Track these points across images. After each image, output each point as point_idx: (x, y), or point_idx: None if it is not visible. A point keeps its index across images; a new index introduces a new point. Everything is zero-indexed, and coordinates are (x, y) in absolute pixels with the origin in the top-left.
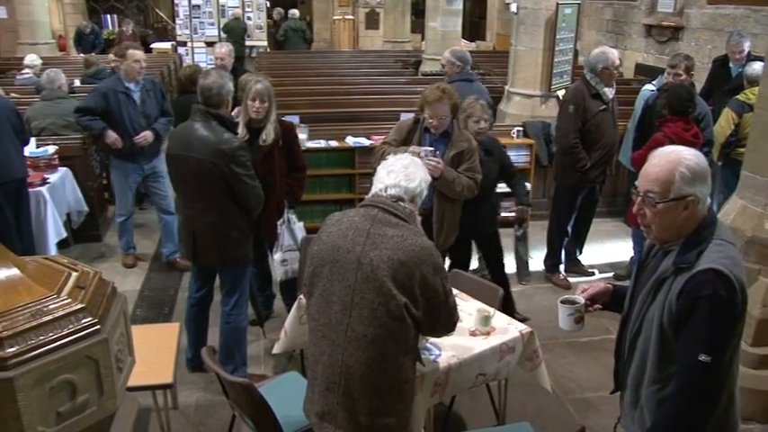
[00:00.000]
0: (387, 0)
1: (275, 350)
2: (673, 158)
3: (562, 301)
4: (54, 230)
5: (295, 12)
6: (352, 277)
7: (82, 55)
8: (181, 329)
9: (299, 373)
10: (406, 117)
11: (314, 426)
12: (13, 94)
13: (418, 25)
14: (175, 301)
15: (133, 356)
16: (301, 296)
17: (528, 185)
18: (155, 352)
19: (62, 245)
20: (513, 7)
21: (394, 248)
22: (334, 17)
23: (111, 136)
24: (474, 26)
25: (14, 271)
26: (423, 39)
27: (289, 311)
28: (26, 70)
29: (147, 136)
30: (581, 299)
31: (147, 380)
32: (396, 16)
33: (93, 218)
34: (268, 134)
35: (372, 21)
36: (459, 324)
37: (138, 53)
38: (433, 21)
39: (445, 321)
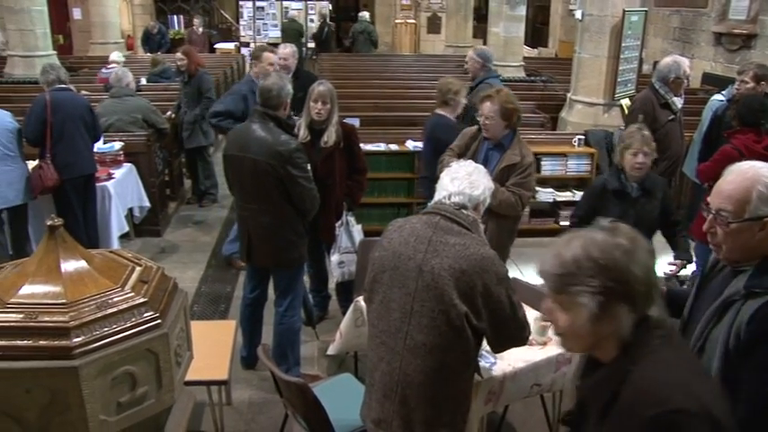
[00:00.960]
0: (449, 4)
1: (330, 351)
2: (750, 175)
3: None
4: (117, 224)
5: (365, 14)
6: (413, 285)
7: (148, 54)
8: (237, 327)
9: (352, 376)
10: None
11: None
12: (83, 92)
13: (480, 30)
14: (232, 299)
15: (191, 352)
16: (358, 299)
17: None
18: (211, 348)
19: (123, 238)
20: (578, 14)
21: (455, 257)
22: (396, 21)
23: None
24: (536, 32)
25: (82, 263)
26: (484, 44)
27: (344, 313)
28: (112, 64)
29: None
30: None
31: (203, 375)
32: (458, 21)
33: (155, 213)
34: (329, 136)
35: (434, 25)
36: None
37: (273, 56)
38: (495, 26)
39: (516, 334)
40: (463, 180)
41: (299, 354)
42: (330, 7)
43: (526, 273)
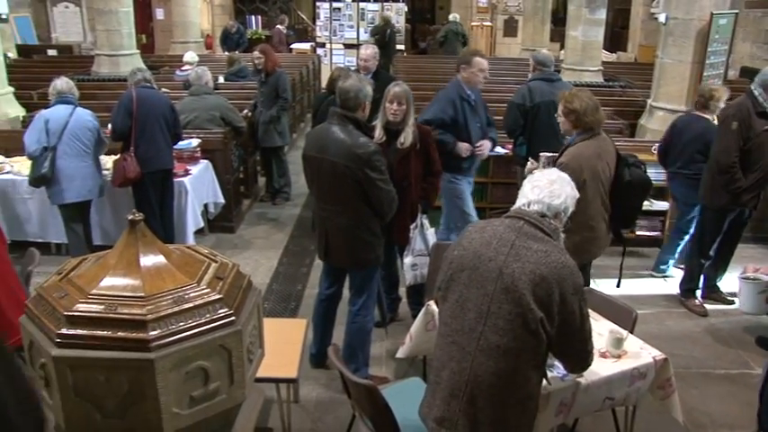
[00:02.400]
0: (526, 7)
1: (399, 354)
2: None
3: (744, 278)
4: (192, 220)
5: (456, 15)
6: (491, 286)
7: (226, 53)
8: (308, 325)
9: (421, 380)
10: None
11: (431, 430)
12: (163, 90)
13: (557, 34)
14: (302, 297)
15: (263, 349)
16: (429, 302)
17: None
18: (281, 346)
19: (198, 233)
20: (662, 17)
21: (537, 263)
22: (472, 23)
23: (464, 147)
24: (615, 36)
25: (161, 258)
26: (561, 48)
27: (413, 316)
28: (186, 66)
29: (486, 146)
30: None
31: (273, 372)
32: (535, 24)
33: (229, 210)
34: (406, 137)
35: (511, 28)
36: None
37: (484, 62)
38: (573, 30)
39: (579, 347)
40: (543, 188)
41: (369, 354)
42: (405, 8)
43: (600, 283)
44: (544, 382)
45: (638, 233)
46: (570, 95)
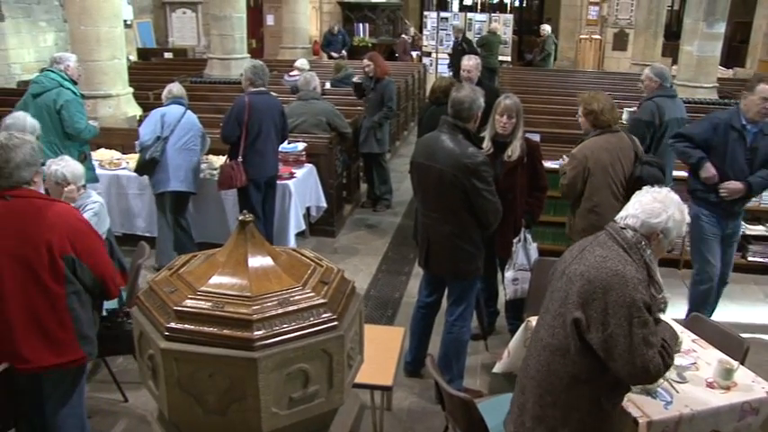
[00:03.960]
0: (638, 20)
1: (496, 369)
2: None
3: None
4: (295, 222)
5: (547, 27)
6: (554, 286)
7: (334, 54)
8: (405, 334)
9: None
10: None
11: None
12: (272, 94)
13: (669, 48)
14: (399, 305)
15: (362, 355)
16: (530, 319)
17: None
18: (378, 353)
19: (299, 236)
20: None
21: (590, 266)
22: (581, 36)
23: (710, 170)
24: (733, 51)
25: (268, 260)
26: (673, 63)
27: (510, 331)
28: (294, 72)
29: (733, 187)
30: None
31: (368, 379)
32: (647, 38)
33: (330, 214)
34: (514, 150)
35: (621, 41)
36: (695, 373)
37: None
38: (688, 44)
39: (620, 369)
40: (645, 204)
41: (464, 366)
42: (511, 20)
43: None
44: (645, 408)
45: (749, 259)
46: (589, 97)
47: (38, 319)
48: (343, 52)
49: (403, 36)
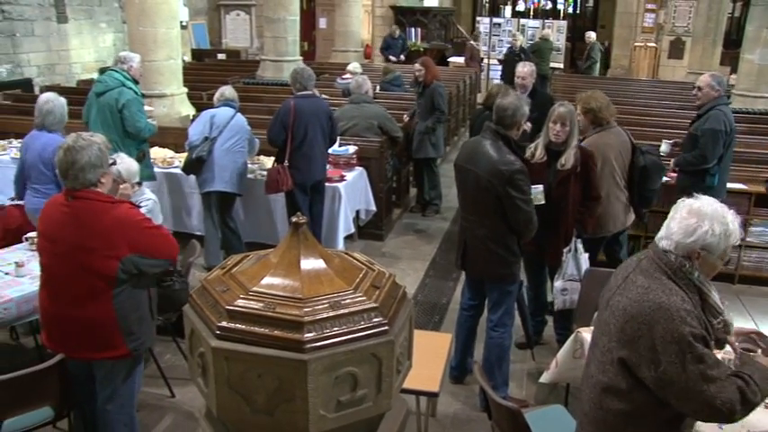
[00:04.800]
0: (696, 28)
1: (543, 379)
2: None
3: None
4: (344, 225)
5: (591, 34)
6: (601, 317)
7: (392, 57)
8: (452, 341)
9: (563, 408)
10: None
11: None
12: (323, 96)
13: (728, 57)
14: (447, 311)
15: (411, 361)
16: (580, 330)
17: None
18: (425, 358)
19: (347, 239)
20: None
21: (632, 299)
22: (635, 44)
23: None
24: None
25: (321, 262)
26: (732, 72)
27: (558, 341)
28: (347, 75)
29: None
30: None
31: (415, 384)
32: (705, 46)
33: (379, 218)
34: (567, 159)
35: (677, 50)
36: None
37: None
38: (750, 53)
39: (690, 408)
40: (679, 222)
41: (508, 374)
42: (564, 26)
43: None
44: None
45: None
46: (587, 97)
47: (86, 317)
48: (402, 56)
49: (470, 42)
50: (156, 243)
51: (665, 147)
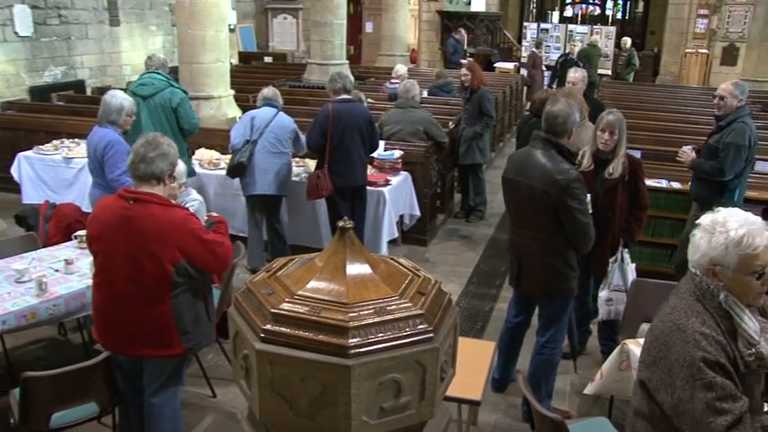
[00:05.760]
0: (752, 33)
1: (587, 391)
2: None
3: None
4: (388, 229)
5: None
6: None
7: (463, 62)
8: (495, 349)
9: (607, 420)
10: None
11: None
12: (369, 100)
13: None
14: (489, 318)
15: (454, 369)
16: (626, 341)
17: None
18: (468, 366)
19: (390, 244)
20: None
21: (659, 319)
22: (686, 50)
23: None
24: None
25: (366, 267)
26: None
27: (603, 352)
28: (395, 79)
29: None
30: None
31: (457, 392)
32: (760, 52)
33: (423, 223)
34: (615, 168)
35: (730, 56)
36: None
37: None
38: None
39: None
40: (700, 238)
41: (553, 387)
42: (613, 32)
43: None
44: None
45: None
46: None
47: (143, 317)
48: (464, 60)
49: (533, 50)
50: (205, 258)
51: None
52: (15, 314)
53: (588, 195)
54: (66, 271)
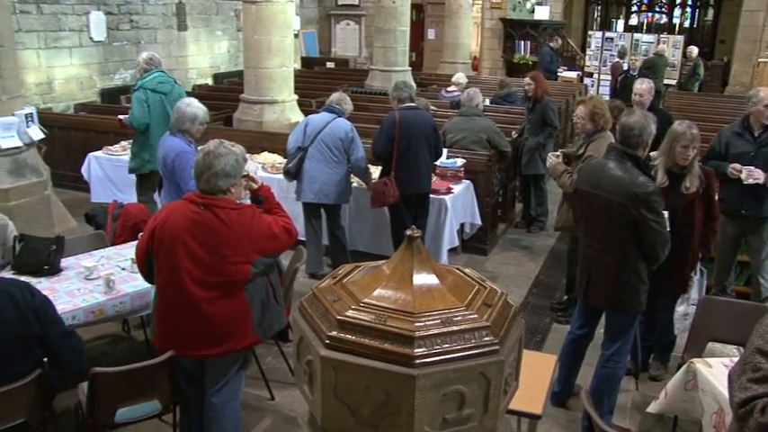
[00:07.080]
0: None
1: (650, 409)
2: None
3: None
4: (449, 238)
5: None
6: None
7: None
8: (556, 363)
9: None
10: None
11: None
12: (431, 107)
13: None
14: (549, 330)
15: (518, 382)
16: (692, 360)
17: None
18: (528, 379)
19: (451, 252)
20: None
21: None
22: (759, 60)
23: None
24: None
25: (433, 277)
26: None
27: (667, 369)
28: (452, 87)
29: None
30: None
31: (517, 405)
32: None
33: (484, 232)
34: (692, 182)
35: None
36: None
37: None
38: None
39: None
40: None
41: (615, 402)
42: (680, 40)
43: None
44: None
45: None
46: (594, 100)
47: (212, 316)
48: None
49: (617, 60)
50: (277, 248)
51: (745, 174)
52: (84, 310)
53: (666, 212)
54: (132, 270)
